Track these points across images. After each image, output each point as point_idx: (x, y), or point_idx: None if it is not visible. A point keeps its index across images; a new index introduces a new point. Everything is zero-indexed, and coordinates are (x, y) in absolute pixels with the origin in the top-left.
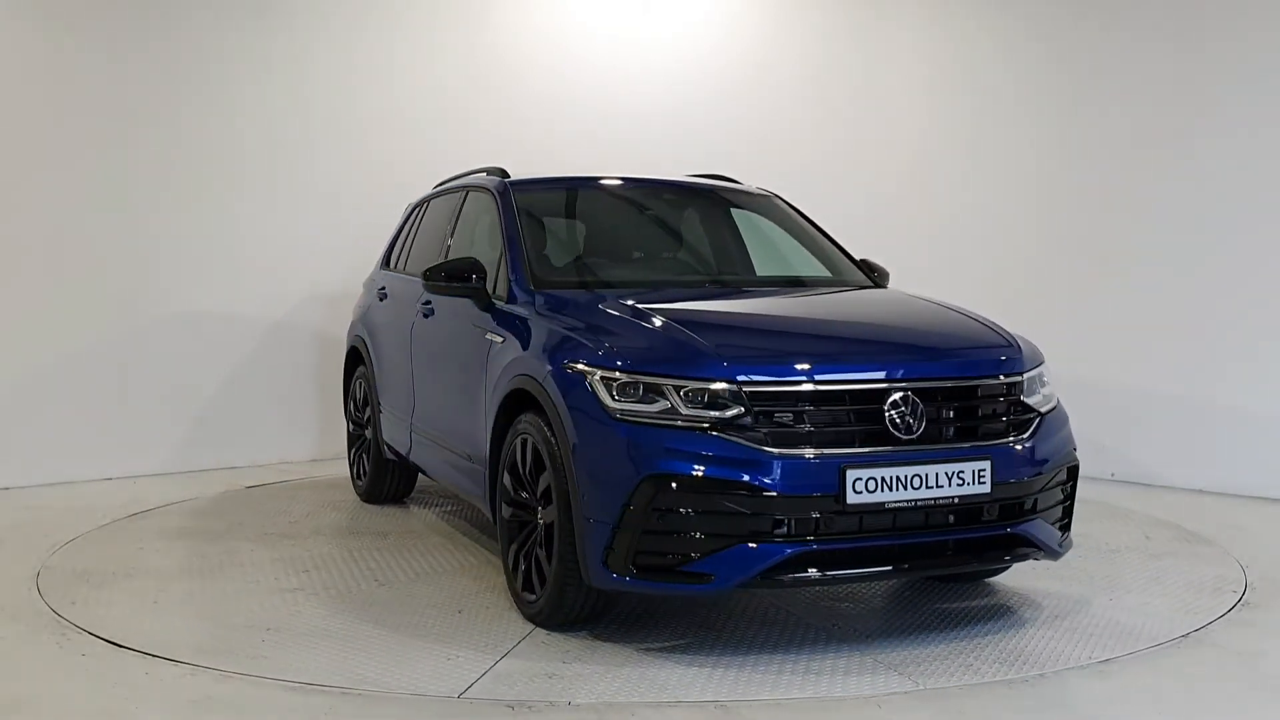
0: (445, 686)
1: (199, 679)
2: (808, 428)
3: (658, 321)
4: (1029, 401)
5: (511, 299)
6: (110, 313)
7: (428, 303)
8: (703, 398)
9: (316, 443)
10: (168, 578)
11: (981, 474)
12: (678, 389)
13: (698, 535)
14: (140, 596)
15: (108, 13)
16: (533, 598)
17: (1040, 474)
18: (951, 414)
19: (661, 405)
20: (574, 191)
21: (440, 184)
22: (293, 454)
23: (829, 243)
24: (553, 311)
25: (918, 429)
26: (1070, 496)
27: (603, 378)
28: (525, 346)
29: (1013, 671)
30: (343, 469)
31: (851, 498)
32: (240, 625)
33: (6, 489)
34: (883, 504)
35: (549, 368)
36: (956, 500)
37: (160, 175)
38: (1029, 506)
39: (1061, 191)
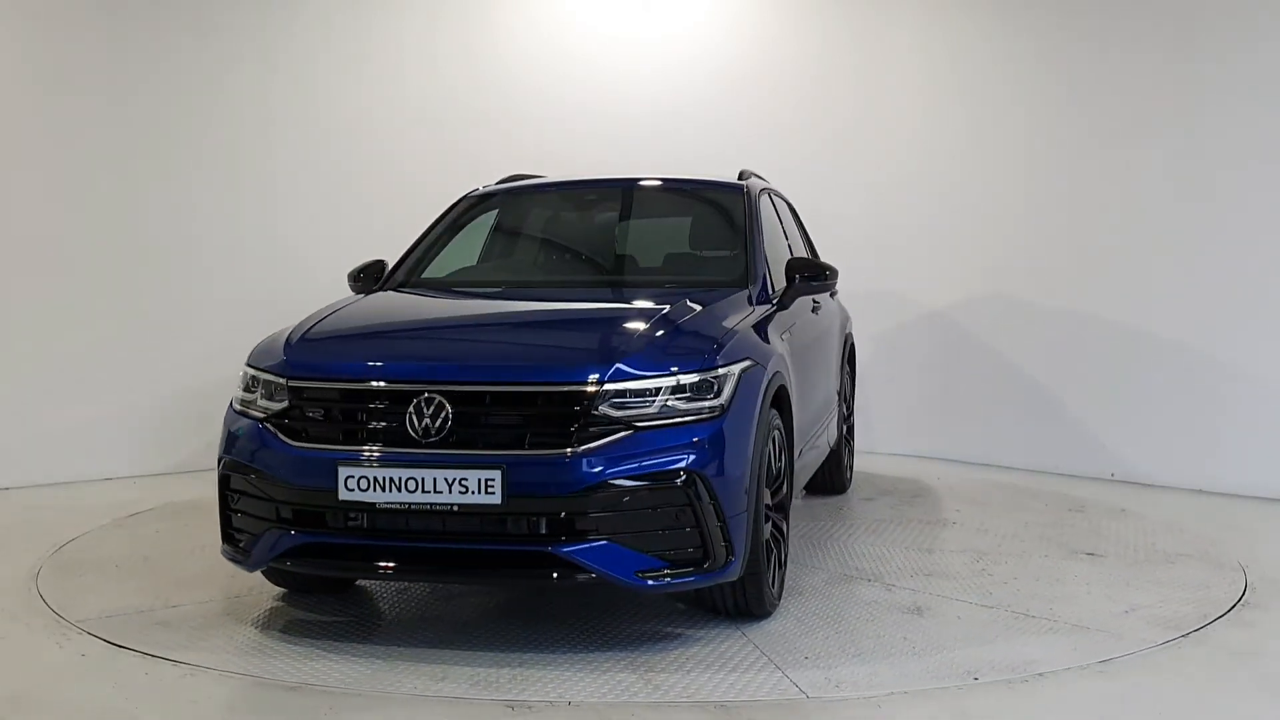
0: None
1: (199, 679)
2: (329, 424)
3: (314, 323)
4: (610, 413)
5: None
6: (111, 312)
7: None
8: (272, 391)
9: None
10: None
11: (490, 484)
12: (267, 384)
13: (246, 518)
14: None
15: (108, 12)
16: None
17: (593, 491)
18: (469, 419)
19: (253, 396)
20: (532, 195)
21: None
22: None
23: (756, 241)
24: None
25: (437, 432)
26: (697, 523)
27: (244, 370)
28: None
29: (1013, 671)
30: None
31: (343, 494)
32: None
33: (6, 489)
34: (374, 504)
35: None
36: (455, 508)
37: (161, 175)
38: (586, 526)
39: (1057, 190)
